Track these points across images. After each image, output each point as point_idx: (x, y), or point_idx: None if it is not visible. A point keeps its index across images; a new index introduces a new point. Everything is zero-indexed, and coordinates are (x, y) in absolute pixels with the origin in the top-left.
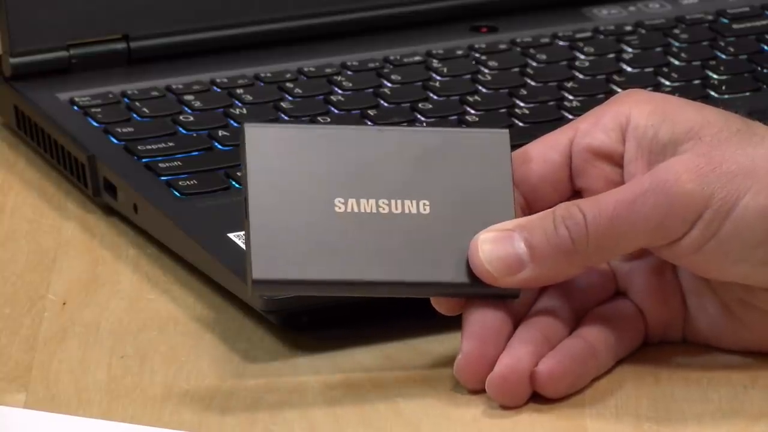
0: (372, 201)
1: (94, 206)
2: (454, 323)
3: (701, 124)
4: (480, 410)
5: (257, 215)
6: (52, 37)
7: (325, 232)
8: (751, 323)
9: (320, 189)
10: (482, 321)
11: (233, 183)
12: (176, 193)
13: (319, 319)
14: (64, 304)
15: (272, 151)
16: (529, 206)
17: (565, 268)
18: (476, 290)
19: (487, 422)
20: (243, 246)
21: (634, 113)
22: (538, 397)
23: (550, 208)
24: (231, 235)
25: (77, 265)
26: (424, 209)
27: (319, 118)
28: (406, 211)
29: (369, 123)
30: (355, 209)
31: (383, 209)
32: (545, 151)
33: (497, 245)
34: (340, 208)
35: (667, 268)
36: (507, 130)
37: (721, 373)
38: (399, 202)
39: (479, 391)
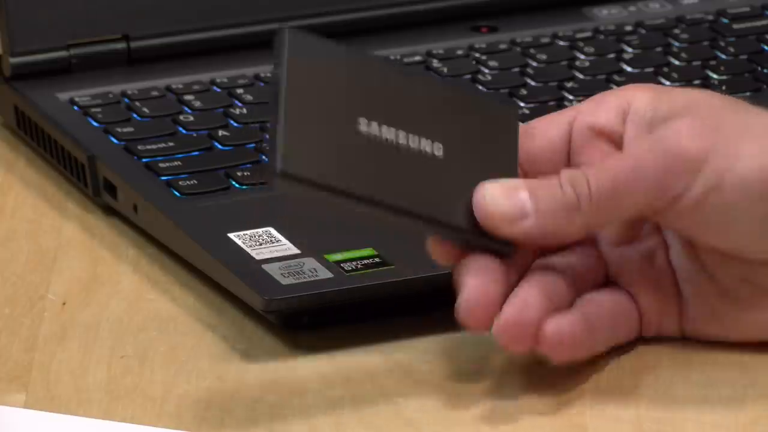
0: (393, 129)
1: (94, 206)
2: (454, 323)
3: (698, 100)
4: (480, 410)
5: (292, 111)
6: (52, 37)
7: (346, 145)
8: (754, 304)
9: (348, 104)
10: (483, 262)
11: (233, 183)
12: (176, 193)
13: (319, 319)
14: (64, 304)
15: (308, 57)
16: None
17: (565, 225)
18: (474, 238)
19: (487, 422)
20: (242, 245)
21: (636, 98)
22: (537, 397)
23: None
24: (231, 235)
25: (77, 265)
26: (438, 152)
27: None
28: (422, 148)
29: None
30: (377, 133)
31: (402, 140)
32: (547, 127)
33: (503, 192)
34: (363, 126)
35: (659, 254)
36: (515, 108)
37: (721, 373)
38: (416, 138)
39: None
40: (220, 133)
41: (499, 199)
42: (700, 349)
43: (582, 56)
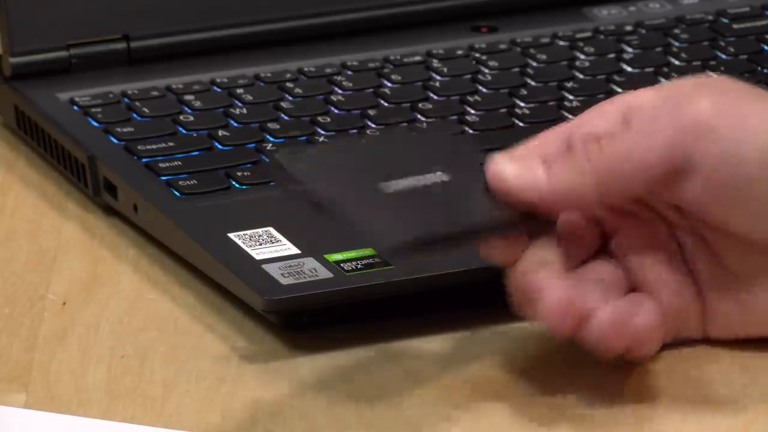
0: (406, 179)
1: (94, 206)
2: (454, 323)
3: (706, 82)
4: (480, 410)
5: (346, 208)
6: (52, 37)
7: (393, 205)
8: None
9: (364, 180)
10: (548, 262)
11: (233, 183)
12: (176, 193)
13: (319, 319)
14: (64, 304)
15: (309, 166)
16: None
17: (578, 185)
18: (510, 225)
19: (486, 422)
20: (242, 245)
21: (634, 97)
22: (537, 397)
23: None
24: (231, 235)
25: (77, 265)
26: (445, 177)
27: (319, 118)
28: (434, 181)
29: (369, 123)
30: (398, 187)
31: (419, 183)
32: (543, 147)
33: (514, 160)
34: (387, 188)
35: (676, 259)
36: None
37: (721, 373)
38: (424, 176)
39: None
40: (220, 133)
41: (510, 165)
42: (700, 348)
43: (582, 56)
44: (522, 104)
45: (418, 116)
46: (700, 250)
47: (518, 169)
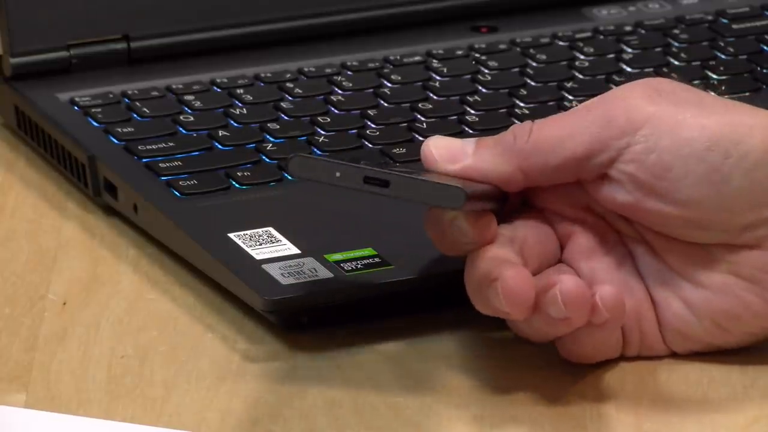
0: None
1: (95, 206)
2: (454, 323)
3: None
4: (480, 411)
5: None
6: (52, 37)
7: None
8: (717, 288)
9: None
10: (501, 253)
11: (233, 183)
12: (176, 193)
13: (319, 319)
14: (64, 304)
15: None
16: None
17: (498, 164)
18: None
19: (487, 422)
20: (242, 245)
21: None
22: (538, 398)
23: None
24: (231, 235)
25: (77, 265)
26: None
27: (319, 118)
28: None
29: (369, 123)
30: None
31: None
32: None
33: (447, 139)
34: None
35: (627, 263)
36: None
37: (721, 374)
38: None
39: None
40: (220, 133)
41: (442, 141)
42: None
43: (582, 56)
44: (522, 104)
45: (418, 116)
46: (647, 254)
47: (448, 142)
